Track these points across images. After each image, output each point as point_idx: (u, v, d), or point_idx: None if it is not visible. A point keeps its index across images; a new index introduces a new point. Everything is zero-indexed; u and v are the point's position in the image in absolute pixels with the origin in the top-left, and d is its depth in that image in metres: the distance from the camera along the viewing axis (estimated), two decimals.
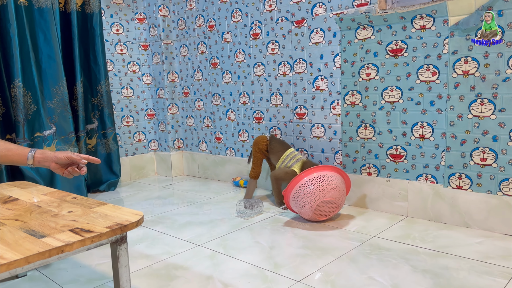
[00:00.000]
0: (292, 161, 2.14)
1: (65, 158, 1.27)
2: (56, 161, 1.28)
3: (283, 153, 2.21)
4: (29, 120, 2.35)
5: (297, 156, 2.17)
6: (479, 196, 1.79)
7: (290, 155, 2.17)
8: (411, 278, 1.38)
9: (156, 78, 3.12)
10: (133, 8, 3.05)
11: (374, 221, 1.95)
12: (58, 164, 1.28)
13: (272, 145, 2.29)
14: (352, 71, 2.11)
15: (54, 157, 1.28)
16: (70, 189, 2.45)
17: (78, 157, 1.28)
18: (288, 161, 2.16)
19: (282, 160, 2.19)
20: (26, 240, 0.87)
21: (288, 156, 2.17)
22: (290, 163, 2.14)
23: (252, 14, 2.53)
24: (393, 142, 2.03)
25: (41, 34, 2.40)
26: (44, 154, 1.29)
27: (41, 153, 1.29)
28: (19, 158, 1.30)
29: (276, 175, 2.19)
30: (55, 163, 1.28)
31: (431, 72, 1.87)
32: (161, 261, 1.61)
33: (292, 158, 2.15)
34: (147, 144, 3.20)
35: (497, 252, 1.56)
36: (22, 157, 1.30)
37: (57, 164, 1.28)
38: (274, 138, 2.32)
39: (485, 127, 1.74)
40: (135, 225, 0.96)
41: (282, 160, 2.19)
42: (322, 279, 1.40)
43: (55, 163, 1.28)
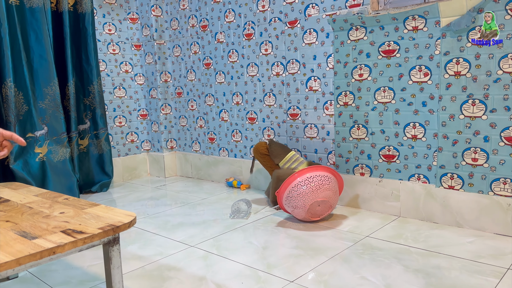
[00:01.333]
0: (296, 163, 2.14)
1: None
2: None
3: (285, 155, 2.20)
4: (21, 121, 2.33)
5: (300, 158, 2.18)
6: (470, 196, 1.80)
7: (293, 157, 2.17)
8: (403, 278, 1.39)
9: (149, 78, 3.11)
10: (126, 8, 3.04)
11: (367, 221, 1.96)
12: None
13: (272, 148, 2.28)
14: (345, 72, 2.12)
15: None
16: (62, 190, 2.43)
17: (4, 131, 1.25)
18: (292, 163, 2.15)
19: (286, 161, 2.18)
20: (17, 241, 0.86)
21: (292, 158, 2.17)
22: (294, 165, 2.14)
23: (245, 14, 2.53)
24: (385, 142, 2.04)
25: (33, 33, 2.38)
26: None
27: None
28: None
29: (280, 175, 2.17)
30: None
31: (423, 73, 1.88)
32: (153, 262, 1.60)
33: (296, 161, 2.15)
34: (140, 145, 3.19)
35: (488, 252, 1.57)
36: None
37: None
38: (273, 142, 2.32)
39: (477, 128, 1.76)
40: (128, 226, 0.96)
41: (285, 160, 2.18)
42: (315, 279, 1.40)
43: None
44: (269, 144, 2.32)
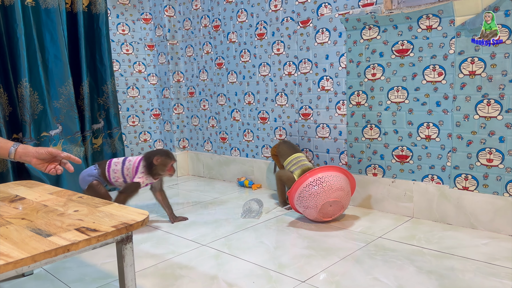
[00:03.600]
0: (295, 166, 2.13)
1: (46, 153, 1.27)
2: (38, 156, 1.27)
3: (290, 155, 2.20)
4: (36, 120, 2.37)
5: (302, 162, 2.13)
6: (485, 197, 1.78)
7: (295, 160, 2.15)
8: (416, 279, 1.38)
9: (162, 78, 3.13)
10: (139, 8, 3.06)
11: (379, 222, 1.95)
12: (39, 159, 1.28)
13: (280, 148, 2.30)
14: (357, 71, 2.10)
15: (36, 152, 1.27)
16: (76, 188, 2.46)
17: (58, 151, 1.27)
18: (292, 165, 2.15)
19: (288, 162, 2.18)
20: (33, 239, 0.87)
21: (293, 160, 2.16)
22: (294, 167, 2.13)
23: (257, 14, 2.53)
24: (398, 142, 2.02)
25: (48, 34, 2.42)
26: (26, 149, 1.29)
27: (23, 148, 1.29)
28: (3, 151, 1.31)
29: (280, 176, 2.20)
30: (37, 158, 1.28)
31: (437, 73, 1.86)
32: (166, 261, 1.61)
33: (296, 163, 2.13)
34: (153, 144, 3.21)
35: (503, 254, 1.55)
36: (5, 151, 1.30)
37: (38, 159, 1.28)
38: (284, 142, 2.32)
39: (492, 128, 1.73)
40: (141, 224, 0.97)
41: (288, 161, 2.19)
42: (326, 280, 1.40)
43: (36, 158, 1.28)
44: (278, 144, 2.33)
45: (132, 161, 1.98)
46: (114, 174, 1.97)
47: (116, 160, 2.01)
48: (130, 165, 1.97)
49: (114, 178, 1.98)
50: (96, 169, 1.99)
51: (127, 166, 1.97)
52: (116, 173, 1.97)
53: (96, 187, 1.95)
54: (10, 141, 1.32)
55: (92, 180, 1.97)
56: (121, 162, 1.99)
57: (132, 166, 1.96)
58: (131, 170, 1.96)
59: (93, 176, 1.98)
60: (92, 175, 1.98)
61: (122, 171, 1.96)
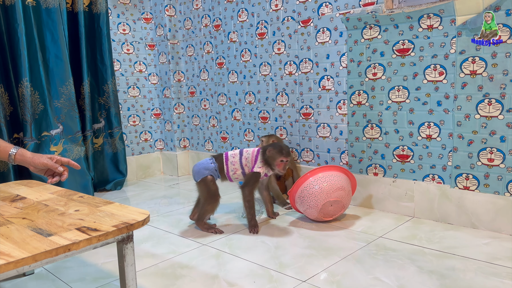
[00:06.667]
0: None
1: (41, 164, 1.28)
2: (34, 166, 1.28)
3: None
4: (37, 120, 2.37)
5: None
6: (486, 197, 1.78)
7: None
8: (417, 279, 1.37)
9: (163, 78, 3.13)
10: (140, 8, 3.06)
11: (380, 222, 1.95)
12: (37, 168, 1.29)
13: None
14: (358, 71, 2.10)
15: (32, 161, 1.28)
16: (77, 188, 2.46)
17: (54, 164, 1.28)
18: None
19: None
20: (34, 238, 0.87)
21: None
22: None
23: (258, 14, 2.53)
24: (399, 142, 2.02)
25: (49, 34, 2.42)
26: (23, 157, 1.30)
27: (21, 154, 1.30)
28: (3, 154, 1.32)
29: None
30: (33, 167, 1.29)
31: (438, 72, 1.86)
32: (166, 260, 1.61)
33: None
34: (153, 144, 3.21)
35: (504, 253, 1.55)
36: (5, 154, 1.32)
37: (36, 168, 1.29)
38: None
39: (493, 127, 1.73)
40: (141, 224, 0.97)
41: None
42: (327, 279, 1.40)
43: (33, 167, 1.29)
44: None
45: (250, 151, 1.94)
46: (233, 166, 1.93)
47: (232, 152, 1.97)
48: (249, 155, 1.92)
49: (232, 171, 1.93)
50: (213, 163, 1.94)
51: (245, 156, 1.93)
52: (235, 165, 1.93)
53: (210, 183, 1.91)
54: (10, 145, 1.33)
55: (208, 175, 1.92)
56: (238, 154, 1.95)
57: (250, 156, 1.92)
58: (250, 160, 1.92)
59: (209, 170, 1.92)
60: (208, 169, 1.92)
61: (240, 162, 1.92)
